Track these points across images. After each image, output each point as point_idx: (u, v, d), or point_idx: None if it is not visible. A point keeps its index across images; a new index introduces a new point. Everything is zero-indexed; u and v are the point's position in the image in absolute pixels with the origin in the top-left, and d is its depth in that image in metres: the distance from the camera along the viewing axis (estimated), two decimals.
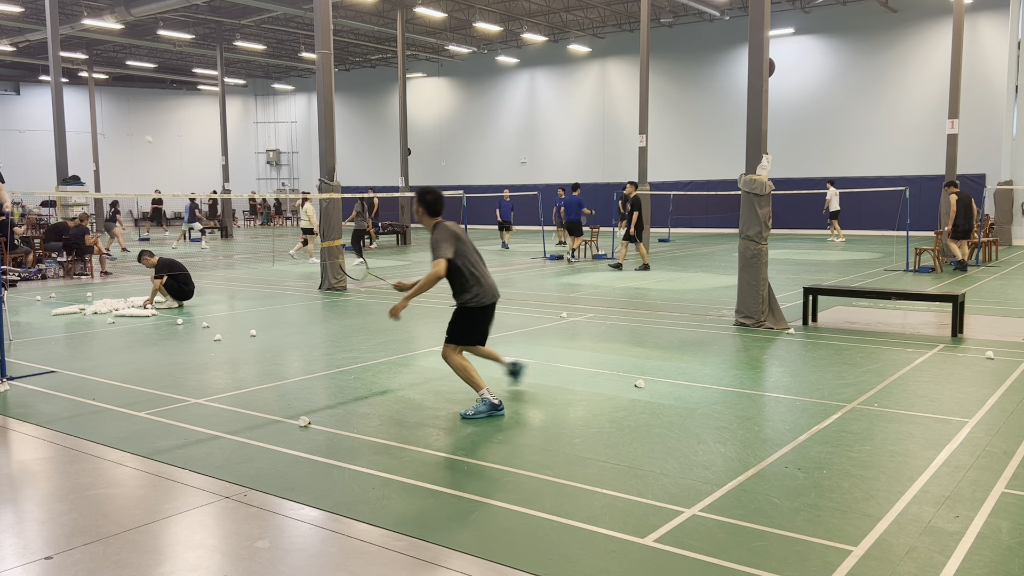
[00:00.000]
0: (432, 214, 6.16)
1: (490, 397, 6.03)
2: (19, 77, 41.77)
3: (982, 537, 3.84)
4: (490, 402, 6.01)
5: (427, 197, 6.16)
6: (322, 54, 14.36)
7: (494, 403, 6.02)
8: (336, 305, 12.46)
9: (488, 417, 5.98)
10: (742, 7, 30.00)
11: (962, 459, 4.95)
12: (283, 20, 33.17)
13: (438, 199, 6.18)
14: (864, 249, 22.23)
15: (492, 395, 6.05)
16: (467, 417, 5.98)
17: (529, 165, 37.61)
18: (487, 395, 6.03)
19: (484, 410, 6.00)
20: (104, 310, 11.79)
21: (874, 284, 14.00)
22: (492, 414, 6.01)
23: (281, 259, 21.08)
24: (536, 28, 34.25)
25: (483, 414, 5.99)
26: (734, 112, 30.08)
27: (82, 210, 19.77)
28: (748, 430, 5.61)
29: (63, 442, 5.54)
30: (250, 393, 6.85)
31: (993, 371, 7.37)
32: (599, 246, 22.25)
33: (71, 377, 7.53)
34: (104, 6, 29.01)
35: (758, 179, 9.85)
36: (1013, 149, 23.78)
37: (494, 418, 5.97)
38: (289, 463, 5.02)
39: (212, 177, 41.58)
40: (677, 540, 3.83)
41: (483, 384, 6.07)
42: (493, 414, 6.01)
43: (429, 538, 3.90)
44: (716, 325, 10.10)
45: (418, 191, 6.24)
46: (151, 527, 4.11)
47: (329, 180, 14.33)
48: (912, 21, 28.04)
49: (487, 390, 6.05)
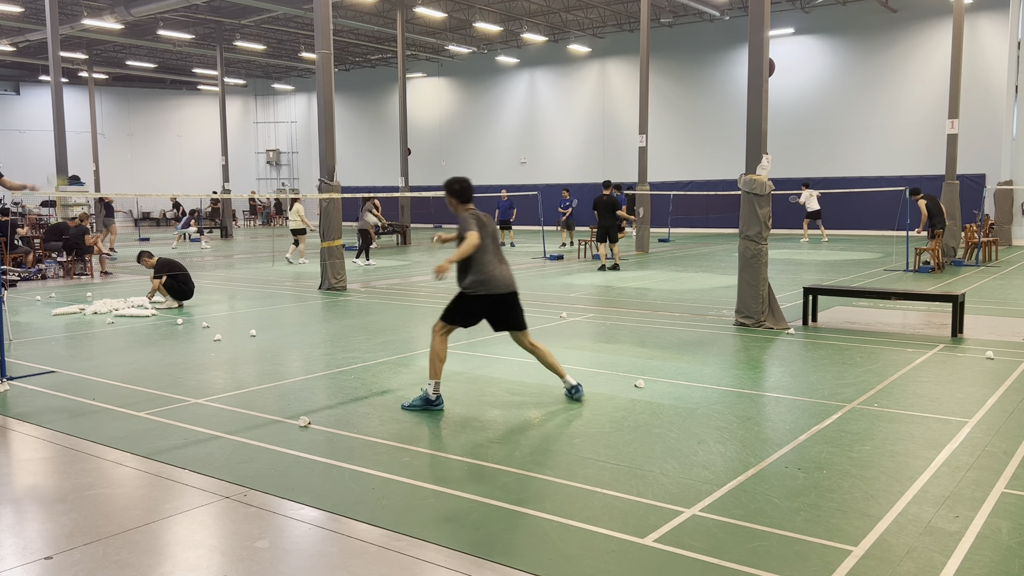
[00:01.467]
0: (463, 201, 6.28)
1: (429, 391, 6.13)
2: (19, 77, 41.77)
3: (982, 537, 3.84)
4: (426, 395, 6.14)
5: (455, 186, 6.28)
6: (322, 54, 14.36)
7: (429, 398, 6.13)
8: (336, 305, 12.46)
9: (422, 410, 6.11)
10: (742, 7, 30.00)
11: (962, 459, 4.95)
12: (283, 20, 33.17)
13: (466, 187, 6.30)
14: (864, 249, 22.23)
15: (434, 391, 6.13)
16: (405, 408, 6.18)
17: (529, 165, 37.61)
18: (428, 389, 6.13)
19: (419, 404, 6.15)
20: (104, 310, 11.78)
21: (874, 284, 14.00)
22: (427, 408, 6.13)
23: (281, 259, 21.07)
24: (536, 28, 34.24)
25: (418, 407, 6.14)
26: (734, 112, 30.08)
27: (82, 210, 19.77)
28: (748, 430, 5.61)
29: (63, 442, 5.54)
30: (250, 393, 6.85)
31: (993, 371, 7.36)
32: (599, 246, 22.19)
33: (71, 377, 7.53)
34: (104, 6, 29.01)
35: (758, 179, 9.85)
36: (1013, 149, 23.78)
37: (492, 417, 5.97)
38: (289, 463, 5.02)
39: (212, 177, 41.56)
40: (677, 540, 3.83)
41: (438, 377, 6.14)
42: (428, 408, 6.13)
43: (429, 538, 3.90)
44: (716, 325, 10.10)
45: (446, 182, 6.36)
46: (151, 527, 4.11)
47: (329, 180, 14.33)
48: (912, 21, 28.04)
49: (435, 384, 6.13)
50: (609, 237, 17.28)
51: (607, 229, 17.28)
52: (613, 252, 17.47)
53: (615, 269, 17.24)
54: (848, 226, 28.89)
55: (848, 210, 28.44)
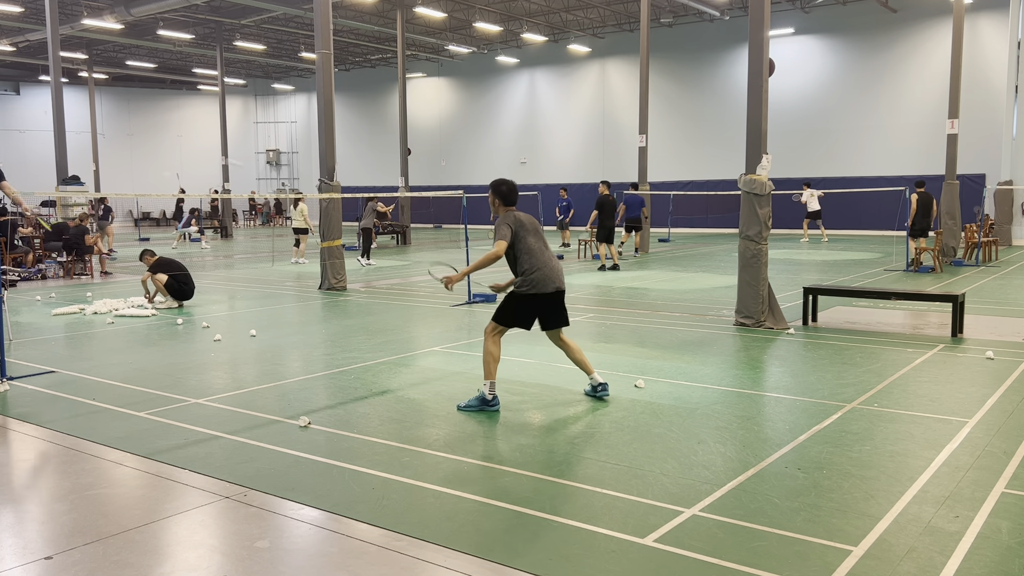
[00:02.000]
0: (507, 203, 6.31)
1: (486, 392, 6.13)
2: (19, 77, 41.76)
3: (982, 537, 3.84)
4: (483, 396, 6.13)
5: (502, 188, 6.32)
6: (322, 54, 14.36)
7: (486, 398, 6.12)
8: (336, 305, 12.46)
9: (479, 411, 6.11)
10: (742, 7, 30.00)
11: (962, 459, 4.94)
12: (283, 20, 33.17)
13: (512, 190, 6.34)
14: (864, 249, 22.23)
15: (490, 391, 6.13)
16: (461, 408, 6.19)
17: (529, 165, 37.60)
18: (484, 389, 6.14)
19: (475, 404, 6.15)
20: (104, 310, 11.78)
21: (874, 284, 14.00)
22: (483, 408, 6.13)
23: (281, 259, 21.07)
24: (536, 28, 34.25)
25: (474, 408, 6.14)
26: (734, 112, 30.08)
27: (82, 210, 19.77)
28: (748, 430, 5.61)
29: (63, 442, 5.54)
30: (250, 393, 6.85)
31: (993, 371, 7.36)
32: (599, 246, 22.19)
33: (71, 377, 7.53)
34: (104, 6, 29.01)
35: (758, 179, 9.84)
36: (1013, 149, 23.78)
37: (491, 417, 5.98)
38: (289, 463, 5.02)
39: (212, 177, 41.60)
40: (677, 540, 3.83)
41: (493, 377, 6.16)
42: (484, 408, 6.13)
43: (429, 538, 3.90)
44: (716, 325, 10.10)
45: (493, 183, 6.38)
46: (151, 527, 4.11)
47: (329, 180, 14.33)
48: (912, 21, 28.04)
49: (490, 384, 6.14)
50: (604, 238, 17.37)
51: (609, 230, 17.35)
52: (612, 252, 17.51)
53: (615, 269, 17.26)
54: (848, 226, 28.90)
55: (848, 210, 28.44)
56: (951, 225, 18.42)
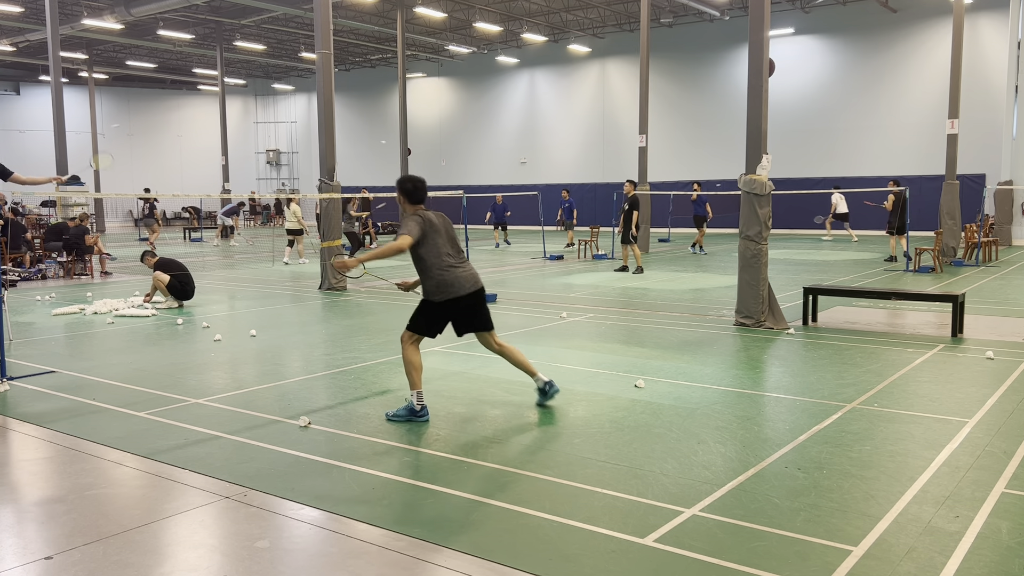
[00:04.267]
0: (413, 201, 5.95)
1: (413, 402, 5.83)
2: (19, 77, 41.77)
3: (982, 537, 3.84)
4: (411, 406, 5.84)
5: (407, 186, 5.95)
6: (322, 54, 14.36)
7: (414, 408, 5.82)
8: (336, 305, 12.46)
9: (407, 421, 5.82)
10: (742, 7, 30.00)
11: (962, 459, 4.94)
12: (283, 20, 33.18)
13: (418, 187, 5.95)
14: (864, 249, 22.23)
15: (417, 401, 5.83)
16: (389, 418, 5.89)
17: (529, 165, 37.61)
18: (412, 399, 5.84)
19: (403, 414, 5.85)
20: (104, 310, 11.78)
21: (874, 284, 14.00)
22: (411, 419, 5.82)
23: (281, 259, 21.06)
24: (536, 28, 34.25)
25: (402, 418, 5.84)
26: (734, 112, 30.07)
27: (82, 210, 19.76)
28: (748, 430, 5.61)
29: (63, 442, 5.54)
30: (250, 393, 6.85)
31: (993, 371, 7.36)
32: (599, 246, 22.22)
33: (71, 377, 7.53)
34: (104, 6, 29.02)
35: (758, 179, 9.84)
36: (1013, 149, 23.78)
37: (486, 418, 5.97)
38: (289, 463, 5.02)
39: (212, 177, 41.57)
40: (677, 540, 3.83)
41: (419, 386, 5.85)
42: (412, 419, 5.82)
43: (429, 538, 3.90)
44: (716, 325, 10.10)
45: (399, 179, 6.06)
46: (151, 527, 4.11)
47: (329, 180, 14.34)
48: (912, 21, 28.05)
49: (417, 394, 5.84)
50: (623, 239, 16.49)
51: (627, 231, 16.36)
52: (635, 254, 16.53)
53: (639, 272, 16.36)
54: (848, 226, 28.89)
55: (848, 210, 28.42)
56: (951, 225, 18.41)
